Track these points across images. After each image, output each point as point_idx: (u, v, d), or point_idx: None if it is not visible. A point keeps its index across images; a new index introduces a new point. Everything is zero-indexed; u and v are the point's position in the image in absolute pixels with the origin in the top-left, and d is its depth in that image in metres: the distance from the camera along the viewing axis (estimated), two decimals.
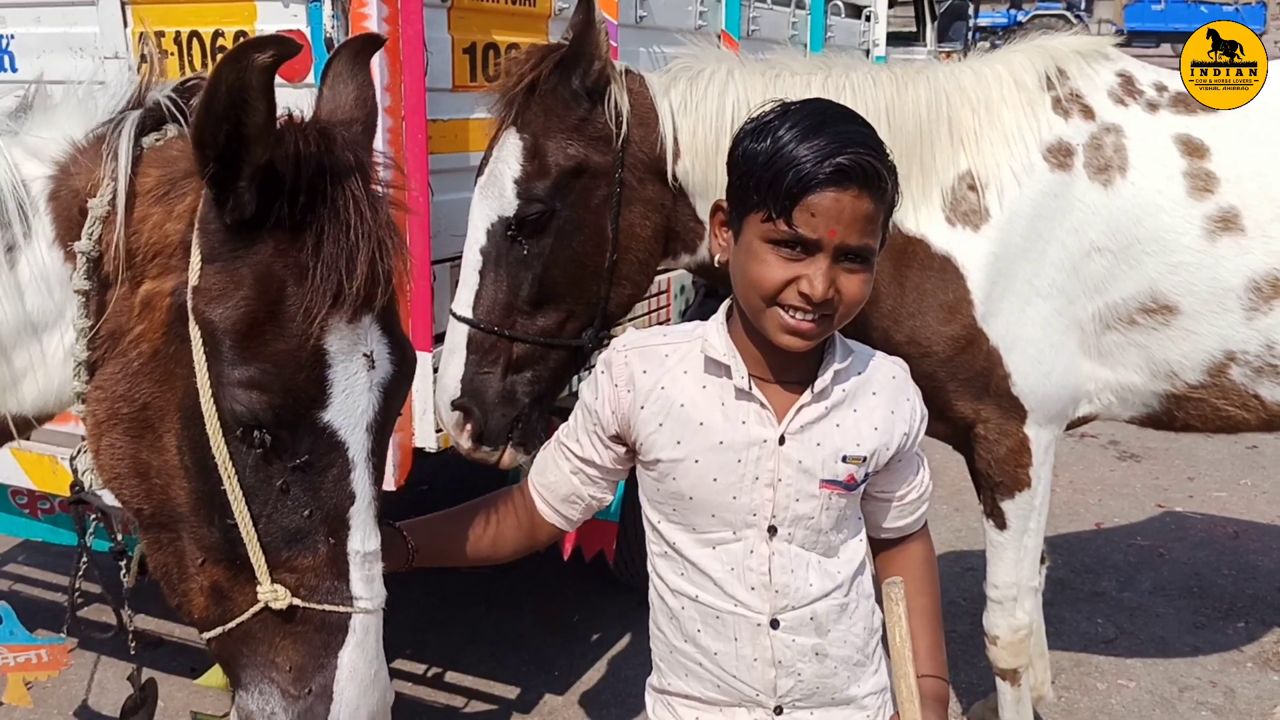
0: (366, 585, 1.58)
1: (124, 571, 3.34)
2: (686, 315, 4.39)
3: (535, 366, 2.76)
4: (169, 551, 1.60)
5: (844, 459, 1.83)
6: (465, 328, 2.70)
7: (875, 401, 1.87)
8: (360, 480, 1.57)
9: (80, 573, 3.40)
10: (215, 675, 3.45)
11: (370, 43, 1.83)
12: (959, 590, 4.75)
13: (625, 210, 2.75)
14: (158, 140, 1.58)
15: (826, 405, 1.83)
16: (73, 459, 3.22)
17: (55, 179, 1.57)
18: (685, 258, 2.95)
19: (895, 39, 6.94)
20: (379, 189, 1.54)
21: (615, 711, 4.18)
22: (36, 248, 1.56)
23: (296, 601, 1.54)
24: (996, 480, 3.22)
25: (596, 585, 4.85)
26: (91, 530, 3.34)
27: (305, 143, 1.47)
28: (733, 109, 2.81)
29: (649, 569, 1.98)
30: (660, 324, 4.10)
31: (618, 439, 1.93)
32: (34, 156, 1.57)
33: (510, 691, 4.34)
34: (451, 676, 4.43)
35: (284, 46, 1.40)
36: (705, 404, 1.83)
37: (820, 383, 1.81)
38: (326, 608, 1.55)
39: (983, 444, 3.18)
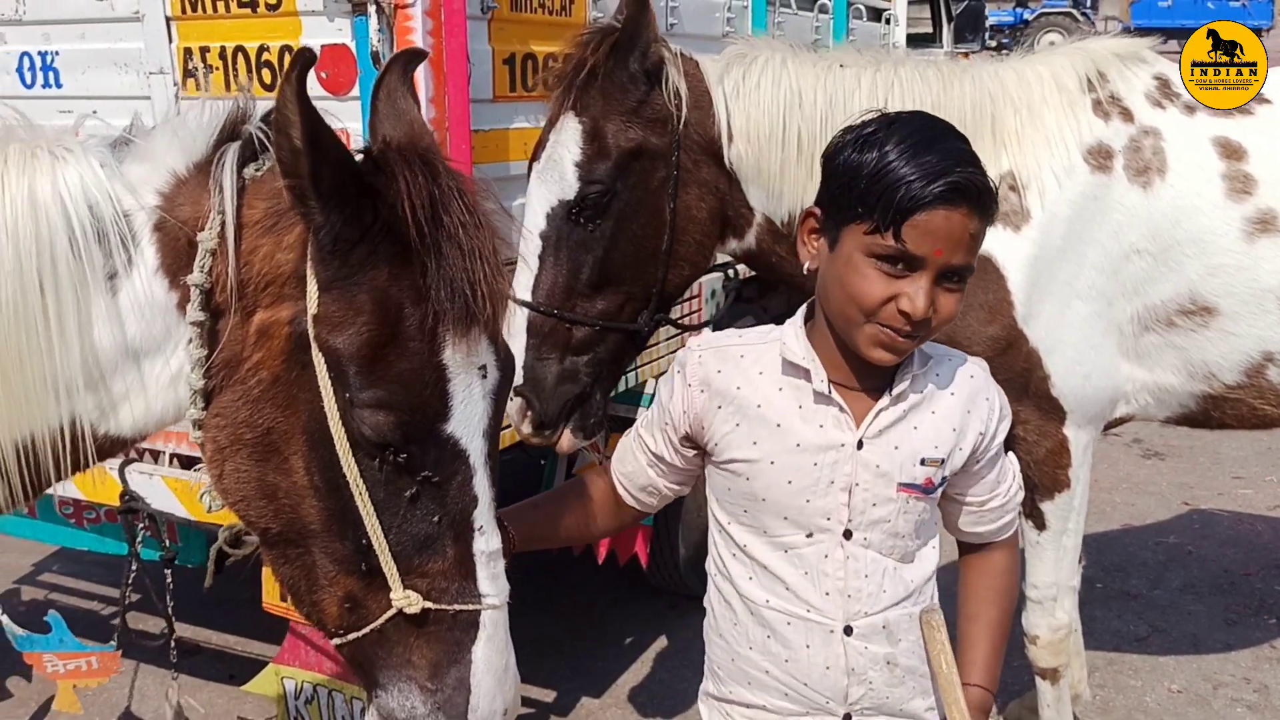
0: (493, 582, 1.63)
1: (169, 581, 3.42)
2: (716, 319, 4.41)
3: (594, 349, 2.79)
4: (297, 566, 1.65)
5: (921, 462, 1.83)
6: (525, 312, 2.73)
7: (953, 402, 1.87)
8: (481, 483, 1.62)
9: (131, 580, 3.46)
10: (262, 681, 3.50)
11: (415, 56, 1.87)
12: None
13: (682, 191, 2.78)
14: (258, 171, 1.61)
15: (904, 408, 1.83)
16: (121, 468, 3.27)
17: (160, 210, 1.61)
18: (734, 243, 2.98)
19: (911, 40, 6.96)
20: (482, 212, 1.58)
21: (652, 713, 4.21)
22: (138, 277, 1.60)
23: (429, 605, 1.59)
24: (1036, 481, 3.24)
25: (629, 589, 4.87)
26: (140, 539, 3.40)
27: (412, 172, 1.51)
28: (785, 98, 2.84)
29: (713, 571, 1.99)
30: (691, 327, 4.11)
31: (688, 440, 1.94)
32: (135, 189, 1.60)
33: (546, 695, 4.37)
34: None
35: (303, 57, 1.45)
36: (783, 406, 1.84)
37: (899, 387, 1.82)
38: (457, 608, 1.60)
39: (1022, 445, 3.20)
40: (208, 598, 4.67)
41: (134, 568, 3.39)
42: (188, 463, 3.38)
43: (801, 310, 1.90)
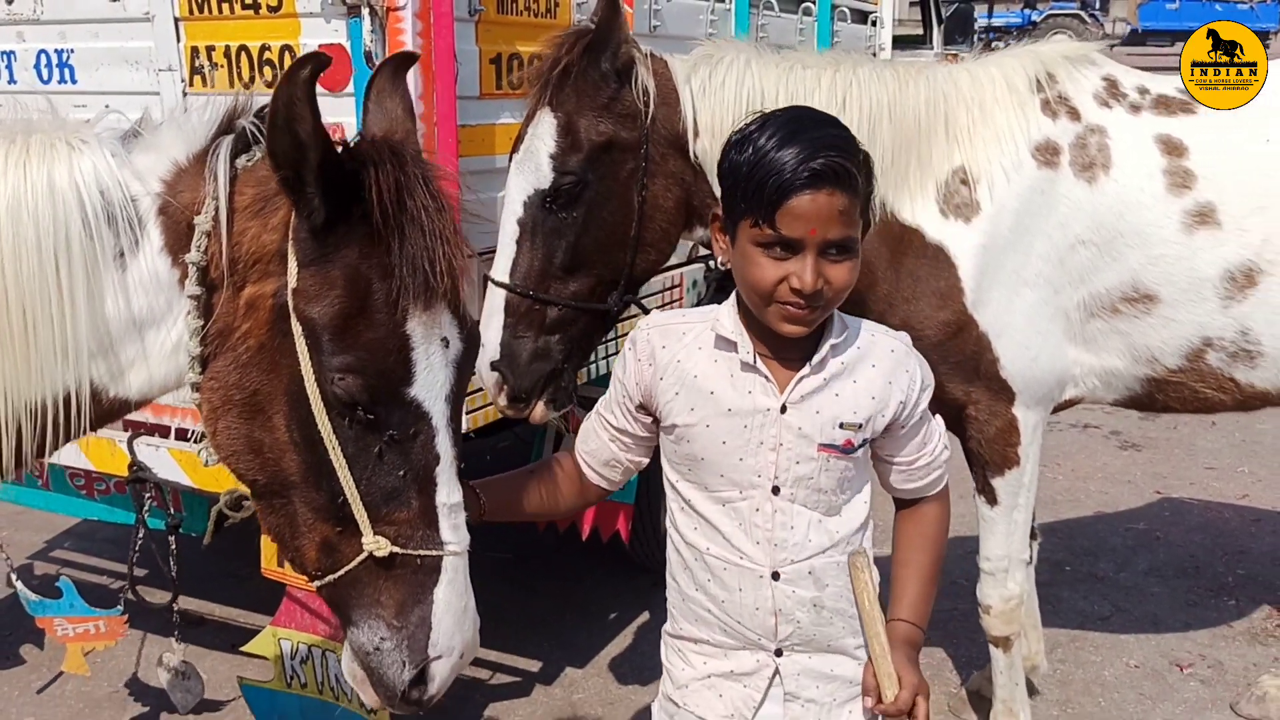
0: (454, 532, 1.83)
1: (173, 548, 3.63)
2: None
3: (566, 328, 2.99)
4: (282, 514, 1.85)
5: (841, 425, 2.04)
6: (503, 292, 2.93)
7: (874, 373, 2.07)
8: (443, 443, 1.81)
9: (138, 546, 3.68)
10: (261, 642, 3.72)
11: (406, 59, 2.07)
12: (961, 571, 4.91)
13: (650, 182, 2.99)
14: (249, 161, 1.81)
15: (825, 377, 2.03)
16: (130, 441, 3.49)
17: (163, 195, 1.81)
18: (700, 231, 3.17)
19: (903, 42, 7.15)
20: (444, 197, 1.77)
21: (630, 681, 4.42)
22: (144, 255, 1.80)
23: (396, 549, 1.79)
24: (987, 459, 3.44)
25: (613, 569, 5.08)
26: (147, 508, 3.62)
27: (382, 161, 1.70)
28: (748, 96, 3.03)
29: (668, 524, 2.20)
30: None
31: (643, 409, 2.16)
32: (141, 177, 1.81)
33: (533, 665, 4.58)
34: (478, 652, 4.66)
35: (319, 60, 1.65)
36: (716, 375, 2.05)
37: (817, 356, 2.02)
38: (422, 553, 1.80)
39: (973, 424, 3.40)
40: (213, 572, 4.91)
41: (140, 535, 3.61)
42: (191, 436, 3.60)
43: (736, 291, 2.09)
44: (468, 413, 3.51)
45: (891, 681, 1.99)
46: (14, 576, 4.01)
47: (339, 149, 1.74)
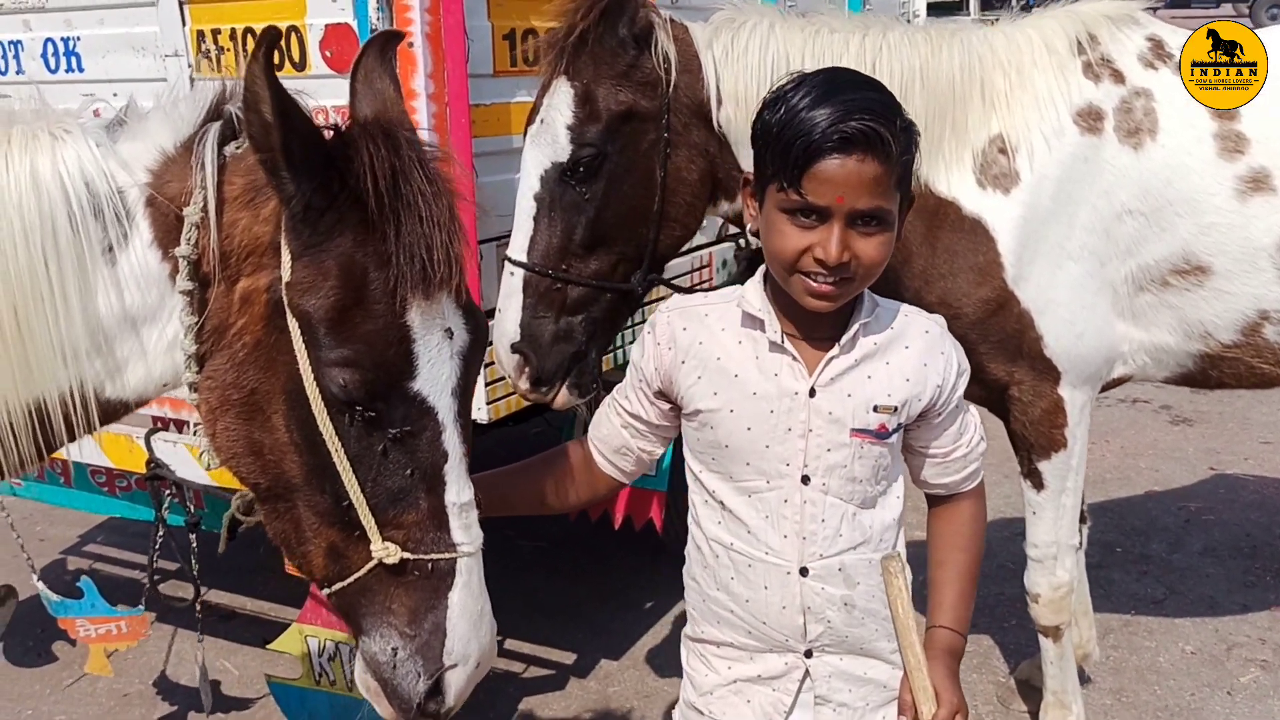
0: (465, 532, 1.73)
1: (194, 545, 3.57)
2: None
3: (588, 309, 2.86)
4: (286, 519, 1.76)
5: (875, 409, 1.90)
6: (521, 272, 2.81)
7: (908, 354, 1.94)
8: (451, 439, 1.71)
9: (158, 544, 3.62)
10: (287, 640, 3.64)
11: (393, 38, 1.96)
12: (1008, 554, 4.79)
13: (673, 154, 2.85)
14: (238, 148, 1.72)
15: (856, 358, 1.91)
16: (147, 436, 3.41)
17: (150, 186, 1.72)
18: (725, 205, 3.03)
19: (940, 8, 6.95)
20: (442, 181, 1.68)
21: (667, 674, 4.31)
22: (134, 249, 1.71)
23: (406, 555, 1.69)
24: (1032, 441, 3.29)
25: (648, 556, 4.96)
26: (167, 505, 3.55)
27: (375, 145, 1.60)
28: (773, 61, 2.89)
29: (689, 520, 2.08)
30: (684, 289, 4.19)
31: (661, 395, 2.04)
32: (128, 166, 1.72)
33: (567, 657, 4.49)
34: (511, 644, 4.59)
35: (271, 36, 1.57)
36: (740, 357, 1.93)
37: (847, 335, 1.90)
38: (433, 557, 1.70)
39: (1018, 406, 3.25)
40: (243, 566, 4.86)
41: (160, 533, 3.55)
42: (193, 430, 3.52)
43: (763, 267, 1.97)
44: (490, 402, 3.41)
45: (928, 697, 1.84)
46: (35, 577, 3.96)
47: (328, 132, 1.65)
